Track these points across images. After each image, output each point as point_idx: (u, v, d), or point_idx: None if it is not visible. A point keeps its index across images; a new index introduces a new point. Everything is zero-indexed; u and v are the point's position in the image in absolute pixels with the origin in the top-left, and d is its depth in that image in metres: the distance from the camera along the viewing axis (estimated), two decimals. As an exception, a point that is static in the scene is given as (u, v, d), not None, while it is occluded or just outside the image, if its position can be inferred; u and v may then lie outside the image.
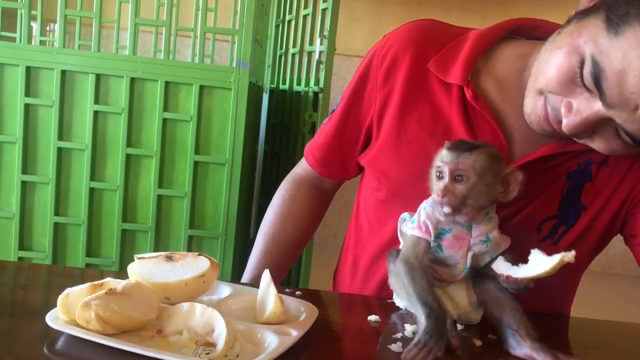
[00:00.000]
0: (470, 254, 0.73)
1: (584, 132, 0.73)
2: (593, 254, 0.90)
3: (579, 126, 0.71)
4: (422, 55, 0.86)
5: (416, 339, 0.64)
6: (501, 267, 0.70)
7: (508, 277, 0.68)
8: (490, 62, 0.85)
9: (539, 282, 0.80)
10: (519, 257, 0.71)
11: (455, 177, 0.70)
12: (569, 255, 0.63)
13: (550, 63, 0.74)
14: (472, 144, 0.72)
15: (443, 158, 0.71)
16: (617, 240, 0.90)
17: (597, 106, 0.69)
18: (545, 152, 0.80)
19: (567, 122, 0.72)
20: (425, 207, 0.75)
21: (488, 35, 0.85)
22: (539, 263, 0.65)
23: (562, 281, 0.90)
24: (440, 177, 0.71)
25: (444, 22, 0.92)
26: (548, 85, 0.74)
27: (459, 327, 0.75)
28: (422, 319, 0.66)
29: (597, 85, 0.68)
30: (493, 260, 0.74)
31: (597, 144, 0.75)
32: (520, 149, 0.82)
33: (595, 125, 0.72)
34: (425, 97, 0.85)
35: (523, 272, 0.67)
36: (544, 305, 0.86)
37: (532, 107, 0.77)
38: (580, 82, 0.70)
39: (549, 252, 0.84)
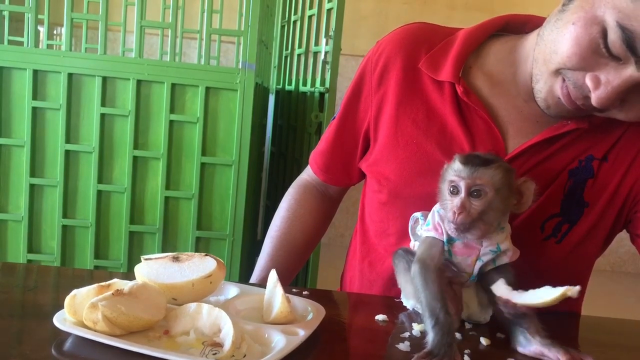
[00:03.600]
0: (479, 264, 0.73)
1: (615, 102, 0.71)
2: (600, 251, 0.89)
3: (611, 97, 0.70)
4: (413, 56, 0.87)
5: (426, 348, 0.63)
6: (501, 290, 0.68)
7: (507, 302, 0.66)
8: (480, 59, 0.86)
9: (548, 281, 0.79)
10: (519, 274, 0.72)
11: (471, 192, 0.69)
12: (573, 290, 0.61)
13: (563, 40, 0.72)
14: (486, 158, 0.70)
15: (458, 172, 0.69)
16: (627, 239, 0.89)
17: (627, 73, 0.68)
18: (539, 138, 0.80)
19: (599, 95, 0.70)
20: (438, 210, 0.74)
21: (477, 33, 0.87)
22: (542, 293, 0.64)
23: (571, 278, 0.90)
24: (454, 193, 0.70)
25: (434, 24, 0.93)
26: (568, 63, 0.72)
27: (468, 326, 0.75)
28: (429, 329, 0.65)
29: (632, 50, 0.66)
30: (497, 269, 0.73)
31: (626, 113, 0.73)
32: (514, 141, 0.83)
33: (626, 93, 0.70)
34: (418, 97, 0.86)
35: (523, 299, 0.65)
36: (556, 305, 0.86)
37: (548, 90, 0.76)
38: (605, 52, 0.69)
39: (554, 251, 0.84)
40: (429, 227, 0.74)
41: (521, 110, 0.83)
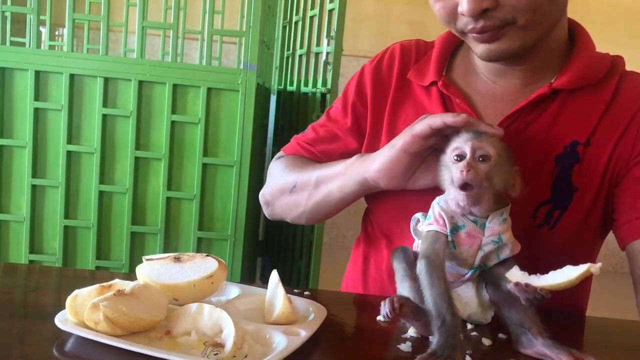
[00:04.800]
0: (480, 254, 0.72)
1: (482, 2, 0.73)
2: (597, 239, 0.90)
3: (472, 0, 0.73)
4: (404, 69, 0.94)
5: (430, 349, 0.63)
6: (517, 275, 0.67)
7: (527, 286, 0.64)
8: (456, 58, 0.93)
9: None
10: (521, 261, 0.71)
11: (477, 158, 0.69)
12: (596, 266, 0.61)
13: (433, 10, 0.80)
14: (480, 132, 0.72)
15: (463, 139, 0.70)
16: (629, 239, 0.89)
17: None
18: (512, 111, 0.83)
19: (464, 9, 0.74)
20: (439, 202, 0.74)
21: (451, 35, 0.92)
22: (564, 272, 0.63)
23: None
24: (459, 160, 0.70)
25: (425, 40, 0.98)
26: (445, 18, 0.79)
27: (469, 326, 0.75)
28: (434, 330, 0.64)
29: None
30: (501, 263, 0.73)
31: (509, 7, 0.74)
32: (494, 123, 0.84)
33: None
34: (409, 104, 0.92)
35: (545, 281, 0.64)
36: (560, 303, 0.86)
37: (473, 45, 0.81)
38: None
39: (548, 239, 0.85)
40: (430, 220, 0.74)
41: (493, 93, 0.88)
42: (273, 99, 2.51)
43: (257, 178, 2.05)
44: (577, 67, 0.83)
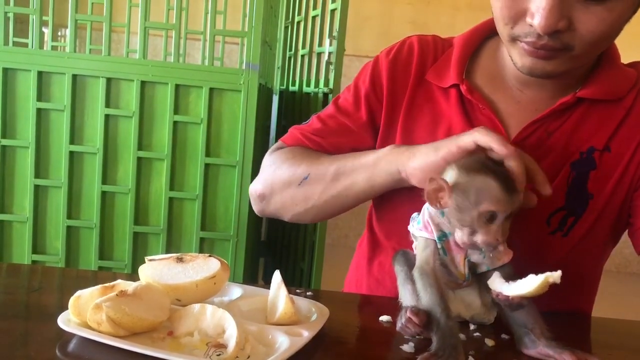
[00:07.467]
0: (466, 262, 0.72)
1: (558, 20, 0.70)
2: (608, 245, 0.90)
3: (549, 17, 0.69)
4: (422, 68, 0.91)
5: (430, 351, 0.63)
6: (495, 283, 0.68)
7: (499, 295, 0.66)
8: (478, 60, 0.90)
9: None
10: (517, 271, 0.70)
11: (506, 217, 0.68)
12: (554, 276, 0.61)
13: (493, 6, 0.76)
14: (511, 177, 0.69)
15: (498, 200, 0.66)
16: (632, 238, 0.89)
17: None
18: (534, 119, 0.82)
19: (539, 23, 0.70)
20: (428, 207, 0.74)
21: (472, 37, 0.90)
22: (527, 282, 0.64)
23: (578, 276, 0.89)
24: (491, 221, 0.67)
25: (441, 37, 0.95)
26: (502, 20, 0.75)
27: (472, 327, 0.74)
28: (432, 333, 0.65)
29: None
30: (491, 272, 0.72)
31: (582, 28, 0.72)
32: (514, 131, 0.84)
33: (564, 9, 0.70)
34: (427, 106, 0.89)
35: (513, 290, 0.65)
36: (565, 303, 0.85)
37: (519, 55, 0.77)
38: None
39: (560, 245, 0.84)
40: (419, 226, 0.74)
41: (518, 101, 0.86)
42: (275, 99, 2.51)
43: (260, 178, 2.05)
44: (602, 81, 0.82)
